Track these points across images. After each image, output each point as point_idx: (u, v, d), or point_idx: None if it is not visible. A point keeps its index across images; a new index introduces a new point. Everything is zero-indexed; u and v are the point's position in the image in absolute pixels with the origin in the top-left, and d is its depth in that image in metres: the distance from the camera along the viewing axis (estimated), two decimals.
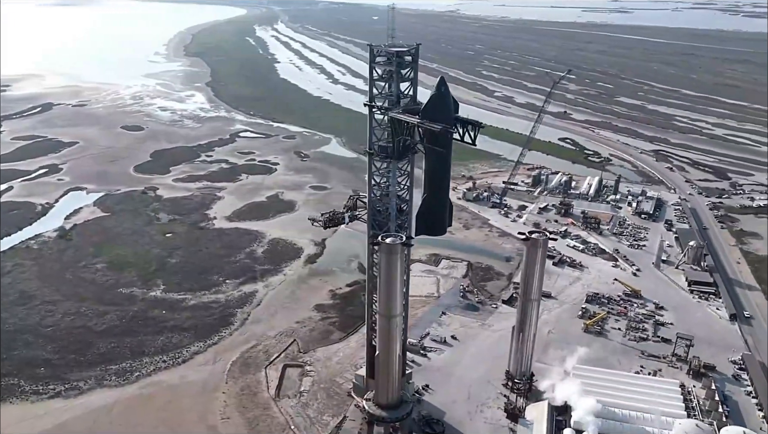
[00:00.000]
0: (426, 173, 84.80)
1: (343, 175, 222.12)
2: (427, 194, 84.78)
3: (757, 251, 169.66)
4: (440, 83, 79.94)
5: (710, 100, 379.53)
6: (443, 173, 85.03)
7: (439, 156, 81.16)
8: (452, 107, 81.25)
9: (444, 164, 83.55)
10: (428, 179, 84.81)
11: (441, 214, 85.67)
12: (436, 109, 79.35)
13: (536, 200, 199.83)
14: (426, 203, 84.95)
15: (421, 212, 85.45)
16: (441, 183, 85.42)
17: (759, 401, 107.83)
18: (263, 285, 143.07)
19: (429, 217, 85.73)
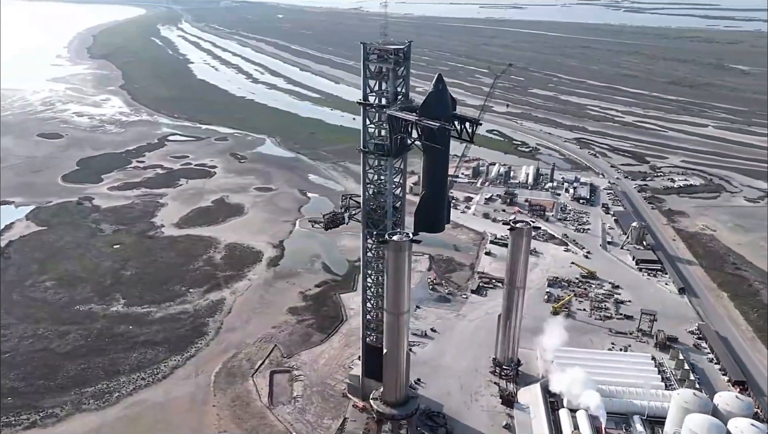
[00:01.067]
0: (424, 170, 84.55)
1: (285, 175, 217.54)
2: (426, 191, 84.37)
3: (687, 228, 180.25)
4: (438, 80, 79.41)
5: (614, 90, 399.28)
6: (441, 169, 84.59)
7: (437, 153, 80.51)
8: (450, 104, 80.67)
9: (442, 161, 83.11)
10: (426, 176, 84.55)
11: (439, 210, 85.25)
12: (434, 106, 78.66)
13: (480, 191, 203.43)
14: (424, 199, 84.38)
15: (419, 208, 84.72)
16: (439, 180, 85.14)
17: (722, 366, 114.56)
18: (230, 292, 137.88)
19: (427, 214, 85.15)
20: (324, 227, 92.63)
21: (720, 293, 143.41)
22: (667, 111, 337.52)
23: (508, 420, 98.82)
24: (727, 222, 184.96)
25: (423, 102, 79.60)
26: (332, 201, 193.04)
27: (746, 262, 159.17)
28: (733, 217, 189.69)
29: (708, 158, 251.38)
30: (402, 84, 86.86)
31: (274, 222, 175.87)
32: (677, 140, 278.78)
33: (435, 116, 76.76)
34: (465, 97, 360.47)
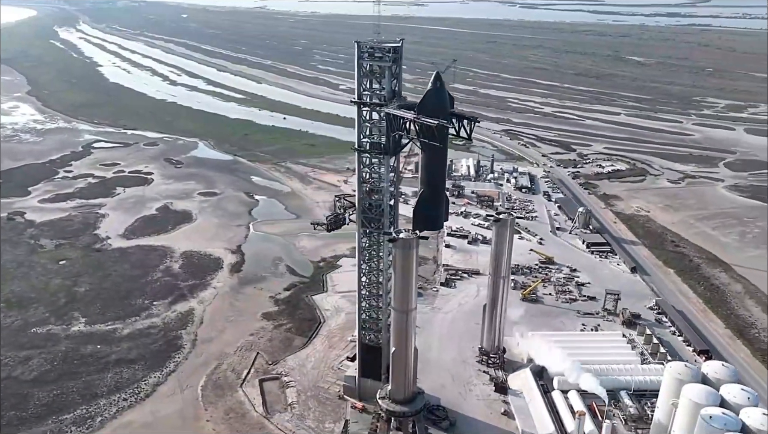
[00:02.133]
0: (422, 168, 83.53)
1: (227, 178, 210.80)
2: (424, 189, 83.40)
3: (624, 211, 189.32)
4: (436, 78, 78.82)
5: (527, 82, 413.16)
6: (440, 167, 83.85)
7: (435, 151, 79.53)
8: (448, 102, 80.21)
9: (440, 159, 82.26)
10: (425, 174, 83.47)
11: (438, 208, 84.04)
12: (432, 104, 77.69)
13: None
14: (423, 197, 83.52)
15: (418, 206, 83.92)
16: (437, 178, 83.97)
17: (684, 338, 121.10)
18: (197, 302, 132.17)
19: (426, 211, 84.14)
20: (326, 229, 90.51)
21: (667, 270, 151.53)
22: (581, 101, 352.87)
23: (505, 407, 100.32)
24: (657, 203, 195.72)
25: (421, 100, 78.81)
26: (282, 203, 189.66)
27: (682, 239, 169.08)
28: (661, 198, 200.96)
29: (626, 144, 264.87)
30: (395, 82, 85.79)
31: (227, 227, 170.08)
32: (596, 128, 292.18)
33: (433, 113, 75.88)
34: None
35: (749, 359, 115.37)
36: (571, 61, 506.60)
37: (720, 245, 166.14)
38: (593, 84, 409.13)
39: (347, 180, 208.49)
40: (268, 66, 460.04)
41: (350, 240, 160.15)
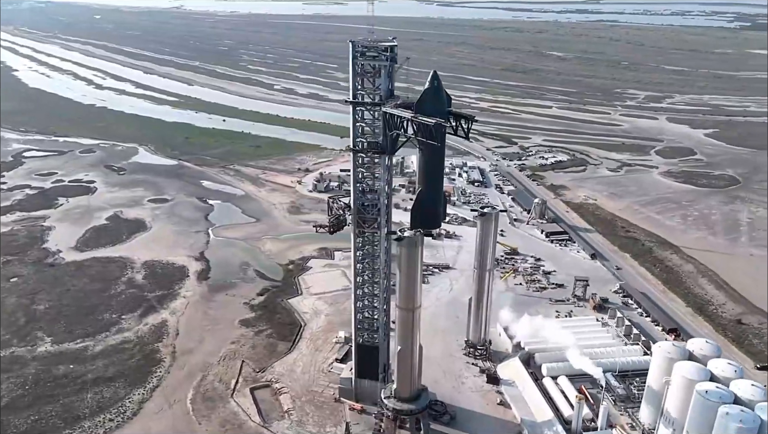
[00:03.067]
0: (420, 167, 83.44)
1: (176, 184, 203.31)
2: (422, 187, 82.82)
3: (573, 200, 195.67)
4: (433, 77, 78.67)
5: (459, 79, 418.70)
6: (437, 166, 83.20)
7: (433, 150, 79.13)
8: (445, 101, 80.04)
9: (438, 157, 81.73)
10: (423, 173, 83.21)
11: (436, 207, 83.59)
12: (430, 103, 77.28)
13: None
14: (421, 196, 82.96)
15: (416, 205, 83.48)
16: (435, 177, 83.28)
17: (652, 318, 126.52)
18: (168, 312, 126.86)
19: (424, 210, 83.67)
20: (329, 232, 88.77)
21: (623, 255, 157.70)
22: (512, 96, 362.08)
23: (500, 397, 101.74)
24: (602, 191, 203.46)
25: (419, 99, 78.36)
26: (238, 206, 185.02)
27: (631, 225, 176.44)
28: (604, 186, 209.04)
29: (563, 135, 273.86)
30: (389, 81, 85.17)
31: (185, 234, 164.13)
32: (532, 121, 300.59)
33: (431, 112, 75.38)
34: (326, 93, 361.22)
35: (713, 334, 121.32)
36: (496, 57, 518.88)
37: (665, 228, 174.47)
38: (521, 79, 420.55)
39: (300, 181, 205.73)
40: (197, 67, 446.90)
41: (314, 241, 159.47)
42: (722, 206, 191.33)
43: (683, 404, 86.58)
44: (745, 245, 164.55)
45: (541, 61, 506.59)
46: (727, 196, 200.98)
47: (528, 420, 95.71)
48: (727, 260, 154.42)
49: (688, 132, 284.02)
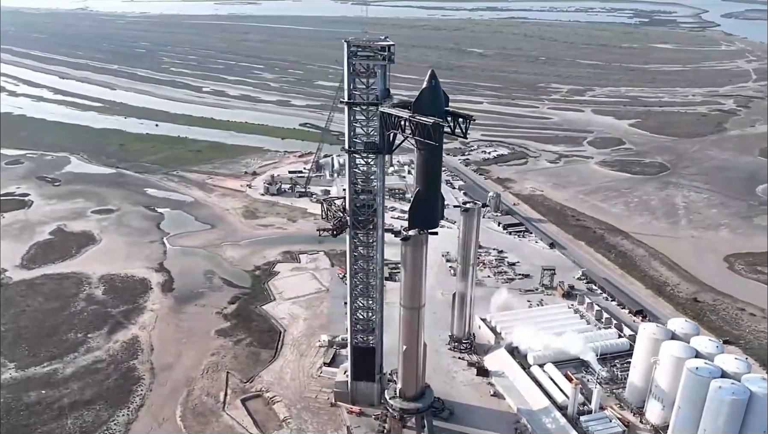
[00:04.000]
0: (418, 166, 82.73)
1: (118, 193, 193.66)
2: (419, 187, 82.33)
3: (522, 192, 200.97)
4: (431, 76, 78.57)
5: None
6: (435, 166, 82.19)
7: (431, 149, 78.84)
8: (443, 100, 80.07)
9: (436, 157, 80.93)
10: (420, 173, 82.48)
11: (434, 207, 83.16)
12: (427, 102, 77.15)
13: (333, 183, 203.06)
14: (419, 196, 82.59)
15: (414, 205, 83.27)
16: (433, 176, 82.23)
17: (618, 302, 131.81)
18: (137, 328, 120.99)
19: (422, 210, 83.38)
20: (332, 234, 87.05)
21: (578, 243, 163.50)
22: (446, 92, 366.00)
23: (493, 389, 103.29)
24: (546, 182, 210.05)
25: (416, 98, 78.08)
26: (190, 214, 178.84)
27: (580, 213, 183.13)
28: (547, 177, 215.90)
29: (498, 129, 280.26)
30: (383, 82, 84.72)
31: (139, 245, 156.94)
32: None
33: (428, 112, 75.17)
34: (257, 94, 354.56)
35: (675, 314, 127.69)
36: (420, 55, 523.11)
37: (612, 215, 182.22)
38: (448, 76, 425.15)
39: (250, 185, 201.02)
40: (116, 71, 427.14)
41: (276, 246, 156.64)
42: (658, 192, 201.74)
43: (672, 381, 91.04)
44: (685, 228, 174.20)
45: (463, 59, 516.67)
46: (660, 182, 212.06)
47: (524, 409, 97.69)
48: (673, 243, 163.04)
49: (614, 123, 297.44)
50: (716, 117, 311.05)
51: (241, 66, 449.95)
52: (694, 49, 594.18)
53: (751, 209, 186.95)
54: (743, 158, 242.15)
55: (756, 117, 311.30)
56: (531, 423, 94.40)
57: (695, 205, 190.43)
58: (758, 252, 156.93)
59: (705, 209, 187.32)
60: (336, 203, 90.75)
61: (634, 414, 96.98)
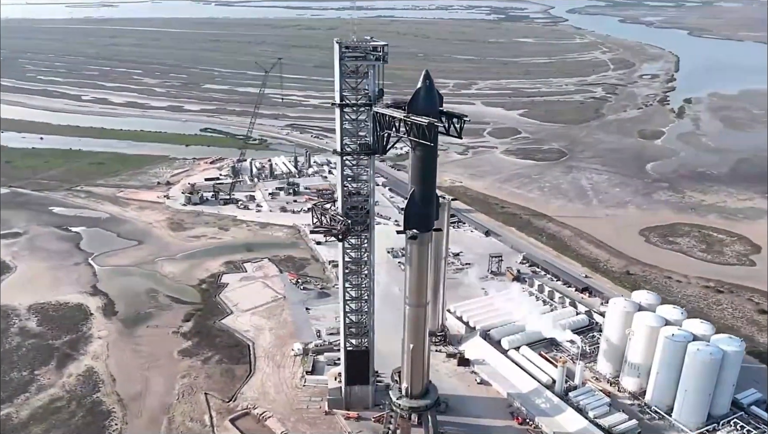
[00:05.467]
0: (413, 167, 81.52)
1: (21, 214, 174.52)
2: (414, 188, 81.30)
3: (442, 184, 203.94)
4: (425, 77, 77.31)
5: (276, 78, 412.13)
6: (430, 166, 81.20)
7: (425, 150, 78.08)
8: (437, 100, 79.16)
9: (431, 157, 79.56)
10: (415, 173, 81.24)
11: (429, 207, 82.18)
12: (422, 102, 76.01)
13: (255, 188, 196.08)
14: (414, 197, 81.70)
15: (409, 206, 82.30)
16: (428, 176, 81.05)
17: (563, 281, 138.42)
18: (90, 358, 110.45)
19: (417, 211, 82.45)
20: (338, 239, 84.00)
21: (509, 228, 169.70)
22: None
23: (479, 377, 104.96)
24: (462, 174, 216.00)
25: (411, 99, 76.79)
26: (110, 231, 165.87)
27: (502, 201, 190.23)
28: (462, 168, 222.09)
29: None
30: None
31: (63, 269, 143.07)
32: None
33: (423, 112, 73.92)
34: (145, 101, 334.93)
35: (614, 288, 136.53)
36: (306, 55, 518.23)
37: (531, 200, 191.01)
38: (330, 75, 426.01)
39: (168, 195, 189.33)
40: None
41: (215, 257, 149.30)
42: (565, 176, 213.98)
43: (646, 349, 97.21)
44: (598, 207, 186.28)
45: None
46: (564, 167, 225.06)
47: (514, 393, 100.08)
48: (592, 222, 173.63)
49: (505, 114, 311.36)
50: (592, 104, 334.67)
51: (118, 72, 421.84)
52: (553, 42, 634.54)
53: (648, 186, 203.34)
54: (626, 140, 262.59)
55: (625, 103, 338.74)
56: (525, 405, 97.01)
57: (600, 186, 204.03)
58: (665, 225, 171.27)
59: (610, 189, 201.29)
60: (324, 206, 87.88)
61: (611, 384, 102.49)
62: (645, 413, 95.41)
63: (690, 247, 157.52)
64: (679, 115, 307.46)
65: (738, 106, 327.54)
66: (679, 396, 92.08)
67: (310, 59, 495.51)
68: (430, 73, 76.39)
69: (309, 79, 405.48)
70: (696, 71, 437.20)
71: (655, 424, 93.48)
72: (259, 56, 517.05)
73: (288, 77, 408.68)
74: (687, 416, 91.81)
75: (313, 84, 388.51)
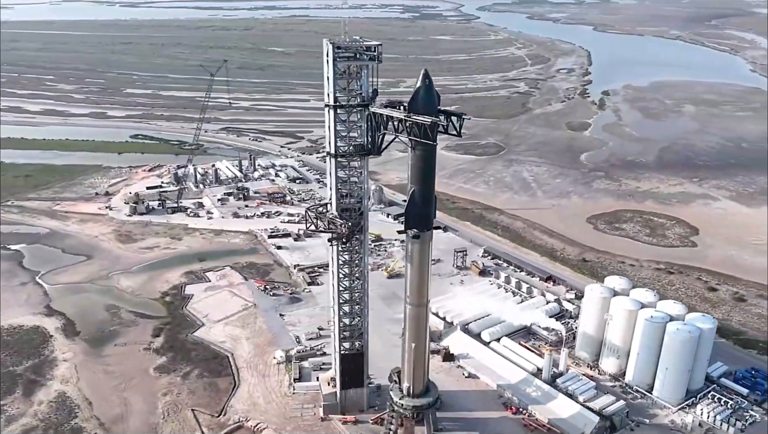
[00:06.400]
0: (412, 167, 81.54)
1: None
2: (414, 188, 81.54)
3: (391, 182, 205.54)
4: (425, 76, 77.83)
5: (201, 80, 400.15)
6: (430, 165, 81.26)
7: (425, 149, 78.30)
8: (436, 100, 79.51)
9: (431, 156, 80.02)
10: (415, 173, 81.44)
11: (429, 206, 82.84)
12: (422, 102, 76.42)
13: (202, 194, 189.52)
14: (414, 197, 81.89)
15: (410, 205, 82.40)
16: (428, 176, 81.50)
17: (527, 271, 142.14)
18: (59, 382, 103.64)
19: (418, 211, 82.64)
20: (345, 240, 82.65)
21: (464, 223, 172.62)
22: (266, 92, 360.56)
23: (466, 371, 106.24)
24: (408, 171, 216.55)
25: (411, 98, 76.99)
26: (53, 247, 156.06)
27: (452, 196, 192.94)
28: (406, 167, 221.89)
29: None
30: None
31: (9, 290, 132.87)
32: (301, 115, 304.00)
33: (423, 111, 74.07)
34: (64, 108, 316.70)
35: (574, 275, 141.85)
36: (225, 56, 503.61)
37: (480, 195, 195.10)
38: (261, 75, 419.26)
39: (110, 207, 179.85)
40: None
41: (173, 267, 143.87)
42: (506, 170, 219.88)
43: (625, 332, 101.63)
44: (543, 198, 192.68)
45: (268, 57, 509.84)
46: (503, 160, 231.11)
47: (503, 384, 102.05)
48: (541, 213, 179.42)
49: None
50: (518, 99, 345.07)
51: (27, 78, 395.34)
52: (469, 39, 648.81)
53: (586, 176, 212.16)
54: (556, 132, 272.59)
55: (548, 97, 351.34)
56: (516, 395, 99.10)
57: (541, 177, 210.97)
58: (609, 212, 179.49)
59: (551, 180, 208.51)
60: (317, 209, 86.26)
61: (591, 368, 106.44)
62: (627, 393, 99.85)
63: (636, 232, 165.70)
64: (600, 107, 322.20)
65: (651, 97, 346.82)
66: (660, 374, 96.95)
67: (231, 61, 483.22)
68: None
69: (234, 81, 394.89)
70: (607, 65, 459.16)
71: (639, 403, 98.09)
72: (175, 58, 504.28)
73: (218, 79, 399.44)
74: (668, 393, 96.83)
75: (239, 85, 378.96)
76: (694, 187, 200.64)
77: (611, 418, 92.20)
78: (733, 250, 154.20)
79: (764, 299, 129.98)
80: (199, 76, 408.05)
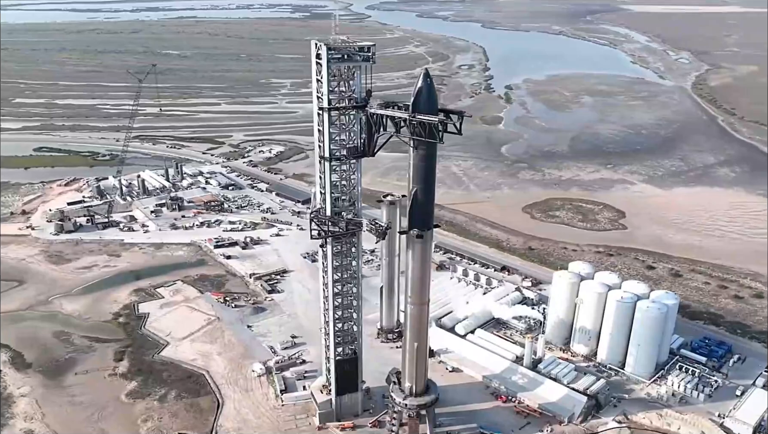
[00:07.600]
0: (414, 167, 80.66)
1: None
2: (416, 188, 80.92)
3: None
4: (425, 75, 77.54)
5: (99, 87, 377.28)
6: (432, 164, 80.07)
7: (427, 149, 77.74)
8: (437, 99, 79.28)
9: (432, 156, 79.31)
10: (417, 173, 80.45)
11: (430, 207, 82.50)
12: (424, 101, 76.14)
13: (132, 206, 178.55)
14: (416, 197, 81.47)
15: (412, 205, 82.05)
16: (430, 175, 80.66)
17: (482, 263, 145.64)
18: (22, 420, 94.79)
19: (421, 211, 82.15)
20: (382, 237, 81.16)
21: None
22: (171, 98, 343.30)
23: (449, 366, 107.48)
24: None
25: (414, 98, 76.07)
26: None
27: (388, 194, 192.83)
28: None
29: (256, 128, 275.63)
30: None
31: None
32: (216, 120, 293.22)
33: (425, 110, 74.01)
34: None
35: (525, 263, 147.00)
36: (117, 61, 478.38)
37: None
38: (162, 80, 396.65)
39: (32, 226, 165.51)
40: None
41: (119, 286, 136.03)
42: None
43: (596, 315, 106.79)
44: (476, 192, 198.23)
45: (166, 61, 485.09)
46: None
47: (489, 375, 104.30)
48: (478, 206, 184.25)
49: None
50: None
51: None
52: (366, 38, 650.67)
53: (511, 168, 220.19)
54: (473, 126, 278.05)
55: (457, 92, 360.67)
56: (504, 384, 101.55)
57: (470, 171, 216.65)
58: (540, 201, 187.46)
59: (479, 173, 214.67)
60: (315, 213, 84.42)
61: (562, 351, 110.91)
62: (602, 372, 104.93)
63: (570, 218, 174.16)
64: (507, 100, 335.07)
65: (551, 90, 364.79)
66: (633, 350, 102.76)
67: (125, 65, 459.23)
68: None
69: (134, 85, 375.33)
70: (503, 60, 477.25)
71: (614, 380, 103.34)
72: (64, 64, 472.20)
73: (111, 86, 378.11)
74: (641, 368, 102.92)
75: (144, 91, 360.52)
76: (610, 173, 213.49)
77: (596, 397, 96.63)
78: (658, 230, 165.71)
79: (698, 273, 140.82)
80: (95, 83, 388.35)
